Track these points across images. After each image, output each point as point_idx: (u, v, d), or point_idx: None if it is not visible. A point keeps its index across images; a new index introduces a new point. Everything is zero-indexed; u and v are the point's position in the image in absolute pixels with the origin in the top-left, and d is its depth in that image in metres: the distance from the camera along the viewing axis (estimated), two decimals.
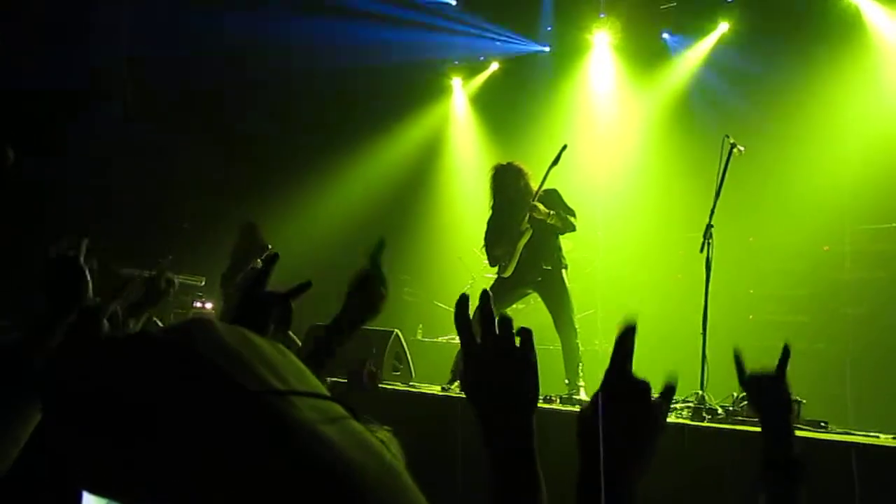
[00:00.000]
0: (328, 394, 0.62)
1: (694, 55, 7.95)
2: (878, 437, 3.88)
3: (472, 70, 9.61)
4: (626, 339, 1.04)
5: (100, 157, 7.81)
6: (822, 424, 4.09)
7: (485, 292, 1.12)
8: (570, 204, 5.48)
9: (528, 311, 6.74)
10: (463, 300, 1.13)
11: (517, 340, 1.12)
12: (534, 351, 1.13)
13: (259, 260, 5.71)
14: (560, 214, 5.35)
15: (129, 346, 0.60)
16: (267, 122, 8.86)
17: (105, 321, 1.49)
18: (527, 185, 5.48)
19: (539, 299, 5.64)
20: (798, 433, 3.49)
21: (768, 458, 1.45)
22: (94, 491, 0.51)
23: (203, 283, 7.43)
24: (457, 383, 5.30)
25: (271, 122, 8.87)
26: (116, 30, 7.92)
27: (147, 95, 8.21)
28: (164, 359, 0.57)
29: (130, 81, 8.16)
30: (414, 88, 9.54)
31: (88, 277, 1.44)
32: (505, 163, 5.72)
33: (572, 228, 5.42)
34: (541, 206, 5.31)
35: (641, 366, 1.21)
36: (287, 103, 8.82)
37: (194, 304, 7.39)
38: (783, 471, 1.43)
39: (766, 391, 1.54)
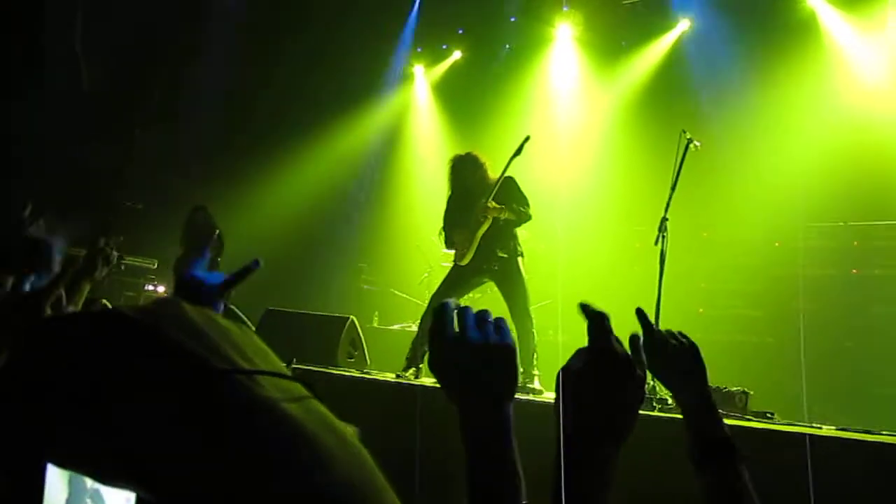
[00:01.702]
0: (290, 374, 0.63)
1: (655, 51, 8.04)
2: (820, 427, 4.00)
3: (435, 58, 9.57)
4: (591, 312, 1.05)
5: (54, 135, 7.60)
6: (769, 415, 4.20)
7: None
8: (528, 194, 5.51)
9: (485, 301, 6.77)
10: (444, 308, 1.12)
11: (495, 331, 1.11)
12: (511, 339, 1.13)
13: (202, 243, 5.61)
14: (513, 207, 5.37)
15: (99, 321, 0.59)
16: (224, 104, 8.70)
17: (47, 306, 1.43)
18: (484, 175, 5.51)
19: (495, 288, 5.66)
20: (746, 423, 3.56)
21: (695, 442, 1.35)
22: (61, 464, 0.50)
23: (156, 265, 7.29)
24: (411, 371, 5.31)
25: (229, 104, 8.71)
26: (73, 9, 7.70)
27: (103, 73, 8.00)
28: (133, 336, 0.57)
29: (84, 57, 7.95)
30: (375, 74, 9.48)
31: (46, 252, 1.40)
32: (463, 153, 5.74)
33: (527, 219, 5.45)
34: (493, 204, 5.33)
35: None
36: (244, 86, 8.68)
37: (146, 288, 7.25)
38: (714, 453, 1.32)
39: (673, 356, 1.43)
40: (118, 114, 8.13)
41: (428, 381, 5.09)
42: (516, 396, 1.06)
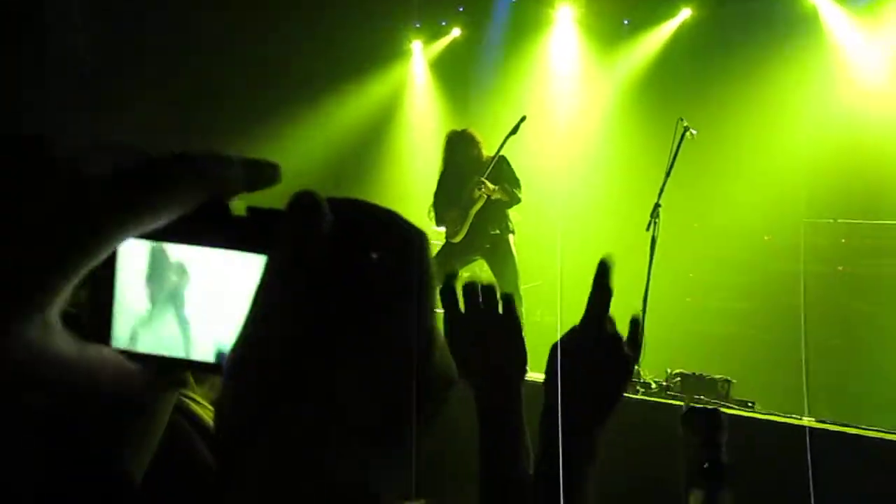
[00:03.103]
0: None
1: (656, 38, 8.02)
2: (800, 418, 4.05)
3: (433, 34, 9.50)
4: (602, 280, 1.06)
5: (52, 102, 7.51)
6: (749, 404, 4.25)
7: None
8: (522, 176, 5.51)
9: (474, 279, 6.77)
10: (451, 276, 1.13)
11: (500, 307, 1.12)
12: (517, 315, 1.13)
13: None
14: (506, 188, 5.38)
15: None
16: (216, 76, 8.61)
17: None
18: (479, 154, 5.50)
19: (486, 267, 5.67)
20: (727, 410, 3.59)
21: (700, 466, 1.49)
22: None
23: None
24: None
25: (221, 76, 8.62)
26: None
27: (98, 38, 7.90)
28: None
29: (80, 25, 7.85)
30: (373, 50, 9.40)
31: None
32: (460, 129, 5.72)
33: (517, 201, 5.46)
34: (488, 183, 5.33)
35: None
36: (233, 59, 8.58)
37: None
38: (713, 477, 1.48)
39: (704, 421, 1.58)
40: (113, 79, 8.03)
41: None
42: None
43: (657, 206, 4.82)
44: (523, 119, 5.48)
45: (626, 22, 8.24)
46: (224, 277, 0.46)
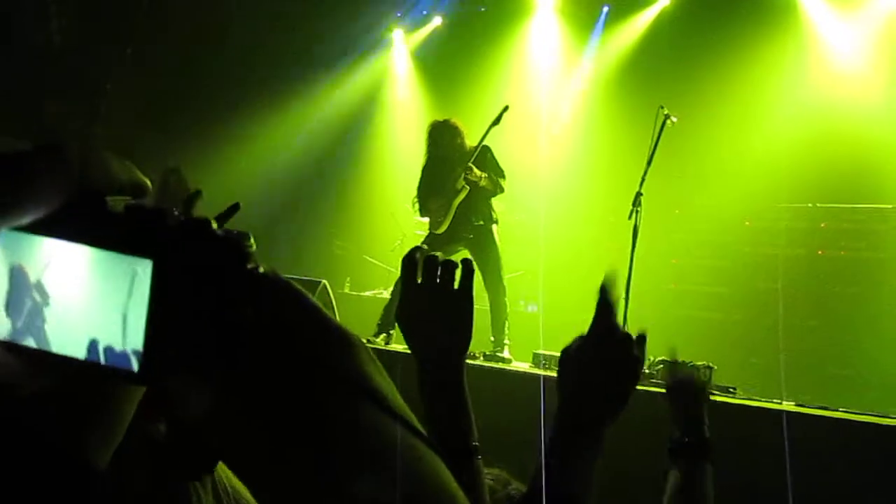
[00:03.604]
0: None
1: (635, 26, 8.04)
2: (780, 403, 4.11)
3: (415, 24, 9.46)
4: (608, 292, 1.11)
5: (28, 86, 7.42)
6: (731, 390, 4.30)
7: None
8: (505, 165, 5.52)
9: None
10: (416, 248, 1.17)
11: (457, 277, 1.15)
12: (472, 290, 1.16)
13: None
14: (491, 177, 5.39)
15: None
16: (200, 64, 8.54)
17: None
18: (462, 143, 5.50)
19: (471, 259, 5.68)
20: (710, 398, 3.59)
21: (680, 440, 1.51)
22: None
23: None
24: (382, 336, 5.33)
25: (205, 65, 8.55)
26: None
27: (79, 24, 7.81)
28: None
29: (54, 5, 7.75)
30: (354, 39, 9.35)
31: None
32: (442, 119, 5.71)
33: (501, 190, 5.48)
34: (476, 170, 5.33)
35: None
36: (220, 46, 8.51)
37: None
38: (694, 451, 1.49)
39: (680, 381, 1.61)
40: (86, 67, 7.95)
41: (399, 346, 5.11)
42: (486, 364, 1.12)
43: (639, 194, 4.85)
44: (506, 109, 5.48)
45: (605, 8, 8.24)
46: (93, 278, 0.44)
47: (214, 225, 0.44)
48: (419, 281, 1.16)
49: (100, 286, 0.44)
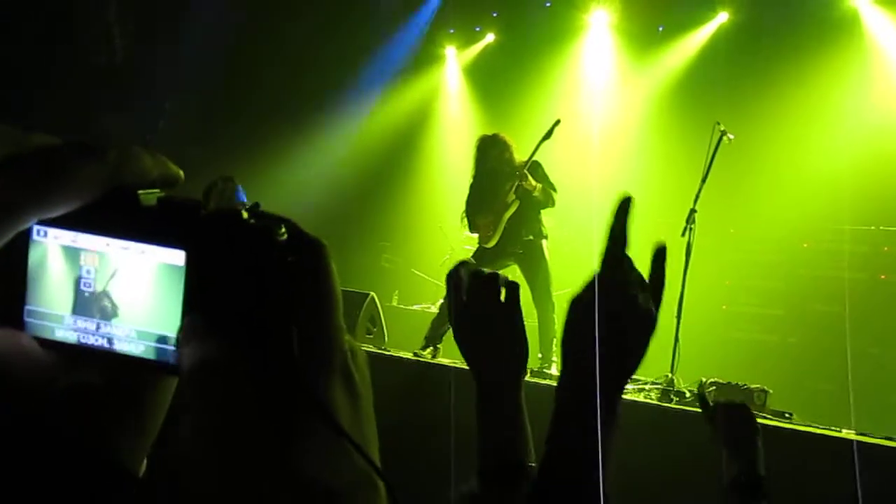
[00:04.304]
0: None
1: (692, 42, 7.93)
2: (840, 430, 3.95)
3: (467, 40, 9.49)
4: (619, 220, 1.00)
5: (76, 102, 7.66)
6: (787, 415, 4.15)
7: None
8: (556, 180, 5.48)
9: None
10: (462, 263, 1.13)
11: (503, 295, 1.11)
12: (518, 304, 1.12)
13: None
14: (545, 189, 5.36)
15: None
16: (251, 78, 8.71)
17: None
18: (511, 158, 5.47)
19: (519, 274, 5.64)
20: (763, 421, 3.52)
21: (735, 479, 1.44)
22: None
23: None
24: (429, 350, 5.31)
25: (256, 79, 8.72)
26: None
27: (129, 37, 8.05)
28: None
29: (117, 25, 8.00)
30: (406, 54, 9.43)
31: None
32: (491, 134, 5.71)
33: (552, 204, 5.44)
34: (530, 178, 5.30)
35: None
36: (271, 61, 8.66)
37: None
38: (749, 491, 1.43)
39: (734, 421, 1.53)
40: (147, 84, 8.17)
41: (445, 360, 5.09)
42: (533, 381, 1.05)
43: (693, 211, 4.75)
44: (557, 123, 5.45)
45: (660, 28, 8.16)
46: (133, 271, 0.46)
47: (245, 215, 0.45)
48: (465, 297, 1.12)
49: (164, 294, 0.46)
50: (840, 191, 6.34)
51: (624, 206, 0.99)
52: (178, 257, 0.45)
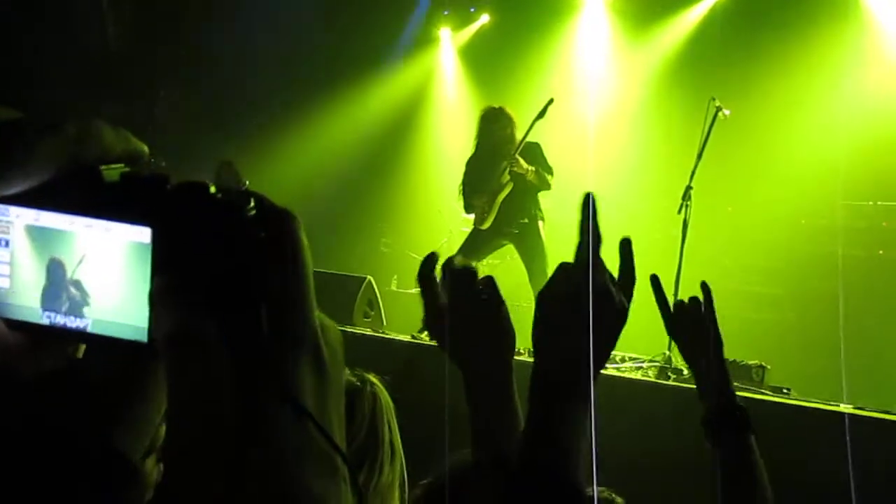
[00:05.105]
0: None
1: (688, 19, 7.87)
2: (838, 405, 3.95)
3: (462, 21, 9.43)
4: (585, 215, 1.00)
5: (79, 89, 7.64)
6: (785, 391, 4.17)
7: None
8: (549, 159, 5.44)
9: (504, 267, 6.73)
10: (430, 259, 1.10)
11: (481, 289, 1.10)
12: (499, 295, 1.10)
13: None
14: (539, 172, 5.31)
15: None
16: (248, 63, 8.68)
17: None
18: (513, 134, 5.42)
19: (515, 254, 5.63)
20: (762, 397, 3.52)
21: (707, 407, 1.33)
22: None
23: None
24: (426, 333, 5.30)
25: (252, 63, 8.69)
26: None
27: (128, 28, 8.02)
28: None
29: (111, 12, 7.96)
30: (401, 37, 9.38)
31: None
32: (497, 106, 5.61)
33: (548, 187, 5.40)
34: (521, 161, 5.26)
35: None
36: (265, 46, 8.62)
37: None
38: (725, 418, 1.31)
39: (692, 324, 1.40)
40: (142, 72, 8.15)
41: None
42: (530, 360, 1.02)
43: (689, 188, 4.73)
44: (551, 102, 5.40)
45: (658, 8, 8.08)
46: (101, 255, 0.45)
47: (213, 189, 0.43)
48: (442, 293, 1.10)
49: (132, 273, 0.45)
50: (837, 166, 6.31)
51: (587, 203, 0.99)
52: (143, 234, 0.44)
